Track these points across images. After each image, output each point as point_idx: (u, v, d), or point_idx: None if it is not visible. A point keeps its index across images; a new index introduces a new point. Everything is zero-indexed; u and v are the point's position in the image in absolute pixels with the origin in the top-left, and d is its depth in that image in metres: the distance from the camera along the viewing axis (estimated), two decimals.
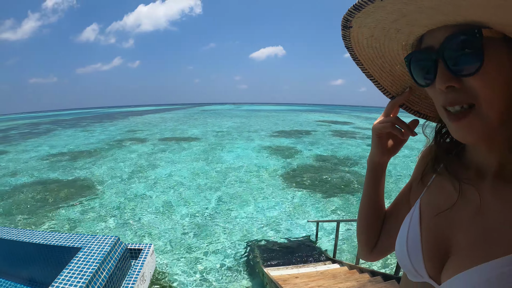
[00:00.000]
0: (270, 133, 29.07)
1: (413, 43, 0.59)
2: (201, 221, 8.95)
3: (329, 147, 20.56)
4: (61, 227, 8.64)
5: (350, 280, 4.45)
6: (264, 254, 6.87)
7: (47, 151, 21.13)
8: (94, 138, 27.45)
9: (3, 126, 52.62)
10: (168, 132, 30.51)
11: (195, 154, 18.86)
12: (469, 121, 0.50)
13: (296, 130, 31.55)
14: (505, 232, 0.50)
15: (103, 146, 22.40)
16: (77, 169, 15.33)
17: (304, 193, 11.19)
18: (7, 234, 5.47)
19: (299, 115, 61.42)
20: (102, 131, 34.04)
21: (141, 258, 5.68)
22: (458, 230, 0.59)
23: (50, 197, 11.12)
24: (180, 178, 13.37)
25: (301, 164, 15.59)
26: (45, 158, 18.61)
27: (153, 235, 8.11)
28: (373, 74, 0.73)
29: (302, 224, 8.73)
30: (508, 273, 0.46)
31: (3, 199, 11.10)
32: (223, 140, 24.21)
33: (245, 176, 13.54)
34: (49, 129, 40.58)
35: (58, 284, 3.76)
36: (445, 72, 0.50)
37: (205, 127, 35.63)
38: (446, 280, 0.55)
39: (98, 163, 16.75)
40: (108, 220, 9.09)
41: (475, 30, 0.46)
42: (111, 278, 4.38)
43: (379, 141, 0.79)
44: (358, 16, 0.54)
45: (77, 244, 4.88)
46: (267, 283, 5.27)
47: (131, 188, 12.13)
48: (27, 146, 24.32)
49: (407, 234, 0.67)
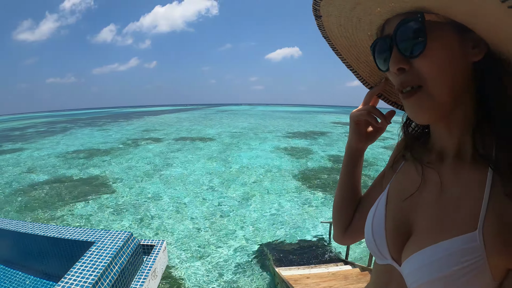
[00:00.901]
0: (285, 134, 28.95)
1: (377, 33, 0.63)
2: (214, 220, 8.96)
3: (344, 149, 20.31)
4: (75, 223, 8.76)
5: (362, 282, 4.40)
6: (276, 254, 6.84)
7: (63, 149, 21.51)
8: (110, 137, 27.82)
9: (21, 124, 53.83)
10: (183, 132, 30.70)
11: (210, 154, 18.88)
12: (417, 98, 0.53)
13: (312, 131, 31.36)
14: (459, 212, 0.52)
15: (119, 145, 22.67)
16: (92, 167, 15.54)
17: (318, 194, 11.10)
18: (22, 227, 5.57)
19: (314, 116, 61.08)
20: (118, 130, 34.46)
21: (153, 254, 5.70)
22: (419, 212, 0.61)
23: (65, 194, 11.29)
24: (195, 177, 13.41)
25: (315, 165, 15.47)
26: (62, 156, 18.94)
27: (166, 232, 8.15)
28: (351, 64, 0.78)
29: (315, 224, 8.65)
30: (456, 254, 0.49)
31: (21, 195, 11.32)
32: (238, 141, 24.20)
33: (259, 176, 13.50)
34: (66, 128, 41.29)
35: (70, 277, 3.80)
36: (396, 55, 0.54)
37: (221, 127, 35.71)
38: (404, 261, 0.58)
39: (113, 161, 16.95)
40: (122, 217, 9.17)
41: (418, 15, 0.49)
42: (123, 273, 4.41)
43: (356, 127, 0.85)
44: (322, 4, 0.60)
45: (90, 238, 4.93)
46: (278, 282, 5.24)
47: (146, 186, 12.23)
48: (44, 144, 24.82)
49: (373, 217, 0.71)
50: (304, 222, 8.79)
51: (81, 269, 3.95)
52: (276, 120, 48.18)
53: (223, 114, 69.89)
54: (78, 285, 3.64)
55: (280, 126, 37.38)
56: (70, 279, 3.74)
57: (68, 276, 3.81)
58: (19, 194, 11.47)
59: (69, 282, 3.68)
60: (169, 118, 55.36)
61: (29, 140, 27.95)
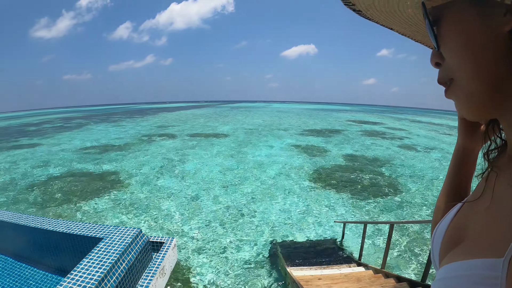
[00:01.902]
0: (300, 131, 28.79)
1: None
2: (226, 217, 8.89)
3: (359, 147, 20.10)
4: (87, 218, 8.80)
5: (375, 285, 4.26)
6: (288, 253, 6.72)
7: (78, 145, 21.81)
8: (124, 133, 28.10)
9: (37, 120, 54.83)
10: (198, 128, 30.83)
11: (224, 150, 18.89)
12: (451, 92, 0.49)
13: (327, 129, 31.12)
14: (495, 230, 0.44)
15: (133, 141, 22.87)
16: (106, 162, 15.69)
17: (332, 193, 10.94)
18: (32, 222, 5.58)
19: (330, 114, 60.61)
20: (133, 126, 34.79)
21: (162, 251, 5.66)
22: (471, 221, 0.54)
23: (79, 188, 11.40)
24: (208, 174, 13.39)
25: (330, 164, 15.29)
26: (76, 151, 19.19)
27: (177, 229, 8.11)
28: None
29: (328, 224, 8.51)
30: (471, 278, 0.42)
31: (35, 189, 11.46)
32: (253, 138, 24.17)
33: (273, 174, 13.40)
34: (81, 123, 41.90)
35: (77, 272, 3.76)
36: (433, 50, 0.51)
37: (235, 124, 35.72)
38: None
39: (127, 157, 17.08)
40: (134, 212, 9.18)
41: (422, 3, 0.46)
42: (131, 270, 4.36)
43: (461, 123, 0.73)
44: None
45: (99, 234, 4.91)
46: (289, 282, 5.14)
47: (159, 182, 12.25)
48: (59, 139, 25.22)
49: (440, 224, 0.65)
50: (317, 221, 8.66)
51: (88, 265, 3.92)
52: (291, 117, 48.00)
53: (238, 110, 70.00)
54: (84, 281, 3.59)
55: (295, 123, 37.23)
56: (76, 275, 3.70)
57: (75, 272, 3.77)
58: (33, 188, 11.62)
59: (75, 278, 3.64)
60: (184, 115, 55.69)
61: (44, 135, 28.44)
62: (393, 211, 9.41)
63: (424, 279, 3.83)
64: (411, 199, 10.34)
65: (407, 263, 6.56)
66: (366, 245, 7.05)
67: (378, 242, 7.43)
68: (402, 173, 13.69)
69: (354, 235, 7.80)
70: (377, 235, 7.81)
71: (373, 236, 7.76)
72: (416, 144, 21.88)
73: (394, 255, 6.84)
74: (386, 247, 4.72)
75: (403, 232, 7.95)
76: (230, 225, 8.35)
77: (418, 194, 10.86)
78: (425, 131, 31.56)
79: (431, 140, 24.30)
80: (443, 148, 20.60)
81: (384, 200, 10.22)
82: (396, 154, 18.01)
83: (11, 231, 5.76)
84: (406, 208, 9.63)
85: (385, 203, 9.99)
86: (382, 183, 12.07)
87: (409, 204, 9.90)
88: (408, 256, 6.81)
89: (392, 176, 13.16)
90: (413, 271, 6.24)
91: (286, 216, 8.98)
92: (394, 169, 14.36)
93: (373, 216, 9.07)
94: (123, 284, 4.09)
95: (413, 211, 9.44)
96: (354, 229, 8.08)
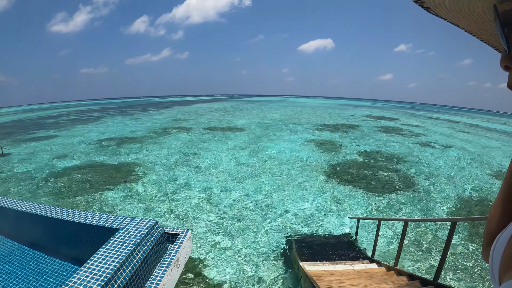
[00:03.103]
0: (315, 126, 28.58)
1: None
2: (241, 210, 8.93)
3: (374, 143, 19.86)
4: (103, 208, 8.93)
5: (387, 282, 4.22)
6: (302, 248, 6.71)
7: (95, 137, 22.18)
8: (140, 126, 28.42)
9: (55, 112, 55.69)
10: (213, 122, 30.93)
11: (240, 144, 18.95)
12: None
13: (342, 124, 30.82)
14: None
15: (149, 134, 23.12)
16: (123, 155, 15.92)
17: (346, 188, 10.85)
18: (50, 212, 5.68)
19: (346, 109, 59.93)
20: (149, 119, 35.09)
21: (178, 243, 5.71)
22: None
23: (94, 180, 11.59)
24: (223, 167, 13.46)
25: (345, 159, 15.16)
26: (93, 143, 19.51)
27: (192, 221, 8.17)
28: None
29: (342, 220, 8.45)
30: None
31: (52, 180, 11.68)
32: (269, 132, 24.14)
33: (288, 168, 13.37)
34: (98, 116, 42.47)
35: (93, 261, 3.81)
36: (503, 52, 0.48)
37: (251, 118, 35.68)
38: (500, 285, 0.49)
39: (143, 149, 17.28)
40: (149, 204, 9.29)
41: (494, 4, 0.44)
42: (146, 260, 4.40)
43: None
44: None
45: (116, 225, 4.97)
46: (302, 277, 5.14)
47: (174, 174, 12.37)
48: (76, 131, 25.68)
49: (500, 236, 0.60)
50: (331, 217, 8.61)
51: (105, 255, 3.97)
52: (307, 112, 47.64)
53: (254, 104, 69.83)
54: (100, 270, 3.64)
55: (311, 118, 36.94)
56: (93, 264, 3.76)
57: (91, 261, 3.83)
58: (50, 179, 11.88)
59: (92, 267, 3.69)
60: (200, 108, 55.83)
61: (61, 128, 28.92)
62: (407, 208, 9.28)
63: (436, 278, 3.77)
64: (427, 197, 10.18)
65: (420, 261, 6.47)
66: (380, 242, 6.99)
67: (392, 239, 7.35)
68: (418, 170, 13.48)
69: (368, 232, 7.74)
70: (391, 232, 7.73)
71: (387, 233, 7.68)
72: (433, 141, 21.50)
73: (407, 253, 6.76)
74: (400, 244, 4.66)
75: (418, 229, 7.85)
76: (244, 218, 8.38)
77: (433, 192, 10.68)
78: (442, 128, 30.98)
79: (448, 138, 23.85)
80: (460, 146, 20.20)
81: (399, 197, 10.08)
82: (412, 151, 17.73)
83: (28, 221, 5.88)
84: (421, 205, 9.49)
85: (399, 199, 9.86)
86: (397, 180, 11.92)
87: (425, 202, 9.75)
88: (422, 254, 6.72)
89: (408, 173, 12.97)
90: (426, 270, 6.15)
91: (300, 211, 8.95)
92: (410, 165, 14.15)
93: (387, 213, 8.97)
94: (138, 274, 4.14)
95: (428, 208, 9.29)
96: (368, 226, 8.01)
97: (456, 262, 6.41)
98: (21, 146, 19.37)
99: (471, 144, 21.48)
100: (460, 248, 7.00)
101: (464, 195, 10.48)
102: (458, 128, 32.12)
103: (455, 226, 3.47)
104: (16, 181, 11.69)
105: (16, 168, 13.62)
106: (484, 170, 13.84)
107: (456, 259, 6.55)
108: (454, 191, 10.81)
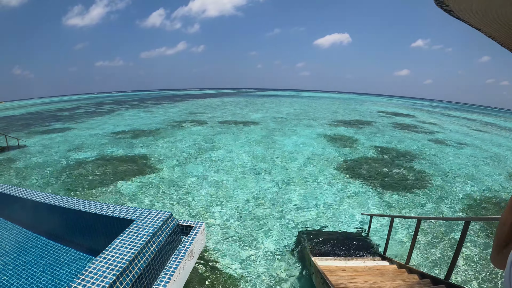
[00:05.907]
0: (330, 121, 28.34)
1: None
2: (255, 204, 8.95)
3: (389, 140, 19.62)
4: (118, 200, 9.06)
5: (398, 280, 4.20)
6: (314, 243, 6.70)
7: (110, 129, 22.48)
8: (155, 119, 28.65)
9: (70, 105, 56.52)
10: (228, 116, 30.98)
11: (254, 138, 18.94)
12: None
13: (357, 120, 30.49)
14: None
15: (164, 127, 23.30)
16: (137, 147, 16.09)
17: (360, 184, 10.76)
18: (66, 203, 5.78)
19: (361, 105, 59.24)
20: (164, 112, 35.35)
21: (192, 235, 5.76)
22: None
23: (109, 172, 11.76)
24: (237, 161, 13.50)
25: (359, 155, 15.02)
26: (108, 136, 19.79)
27: (206, 214, 8.23)
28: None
29: (355, 216, 8.40)
30: None
31: (68, 172, 11.88)
32: (283, 126, 24.04)
33: (302, 163, 13.32)
34: (113, 109, 42.95)
35: (108, 252, 3.88)
36: None
37: (266, 112, 35.56)
38: None
39: (158, 142, 17.44)
40: (163, 196, 9.39)
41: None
42: (160, 251, 4.46)
43: None
44: None
45: (131, 216, 5.04)
46: (313, 272, 5.14)
47: (188, 167, 12.47)
48: (91, 124, 26.05)
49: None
50: (344, 213, 8.56)
51: (120, 246, 4.03)
52: (321, 107, 47.31)
53: (268, 98, 69.56)
54: (115, 260, 3.70)
55: (325, 113, 36.66)
56: (108, 254, 3.82)
57: (107, 251, 3.89)
58: (66, 171, 12.09)
59: (107, 258, 3.75)
60: (214, 102, 55.93)
61: (77, 120, 29.37)
62: (421, 206, 9.16)
63: (448, 277, 3.73)
64: (441, 195, 10.03)
65: (432, 260, 6.41)
66: (392, 239, 6.93)
67: (405, 237, 7.28)
68: (433, 168, 13.28)
69: (380, 229, 7.68)
70: (404, 229, 7.66)
71: (400, 230, 7.61)
72: (448, 139, 21.13)
73: (420, 251, 6.69)
74: (412, 242, 4.63)
75: (430, 228, 7.76)
76: (257, 212, 8.40)
77: (448, 190, 10.51)
78: (457, 126, 30.44)
79: (464, 136, 23.42)
80: (476, 144, 19.82)
81: (412, 195, 9.95)
82: (427, 148, 17.46)
83: (45, 211, 6.00)
84: (435, 204, 9.35)
85: (413, 197, 9.73)
86: (411, 177, 11.76)
87: (439, 200, 9.62)
88: (434, 253, 6.64)
89: (422, 170, 12.79)
90: (438, 269, 6.09)
91: (314, 206, 8.92)
92: (424, 163, 13.95)
93: (400, 210, 8.89)
94: (153, 265, 4.20)
95: (441, 207, 9.16)
96: (380, 222, 7.95)
97: (469, 263, 6.33)
98: (38, 137, 19.77)
99: (487, 142, 21.03)
100: (473, 248, 6.90)
101: (478, 195, 10.29)
102: (474, 126, 31.47)
103: (468, 226, 3.43)
104: (32, 172, 11.95)
105: (32, 159, 13.92)
106: (500, 170, 13.56)
107: (468, 259, 6.46)
108: (468, 190, 10.63)
